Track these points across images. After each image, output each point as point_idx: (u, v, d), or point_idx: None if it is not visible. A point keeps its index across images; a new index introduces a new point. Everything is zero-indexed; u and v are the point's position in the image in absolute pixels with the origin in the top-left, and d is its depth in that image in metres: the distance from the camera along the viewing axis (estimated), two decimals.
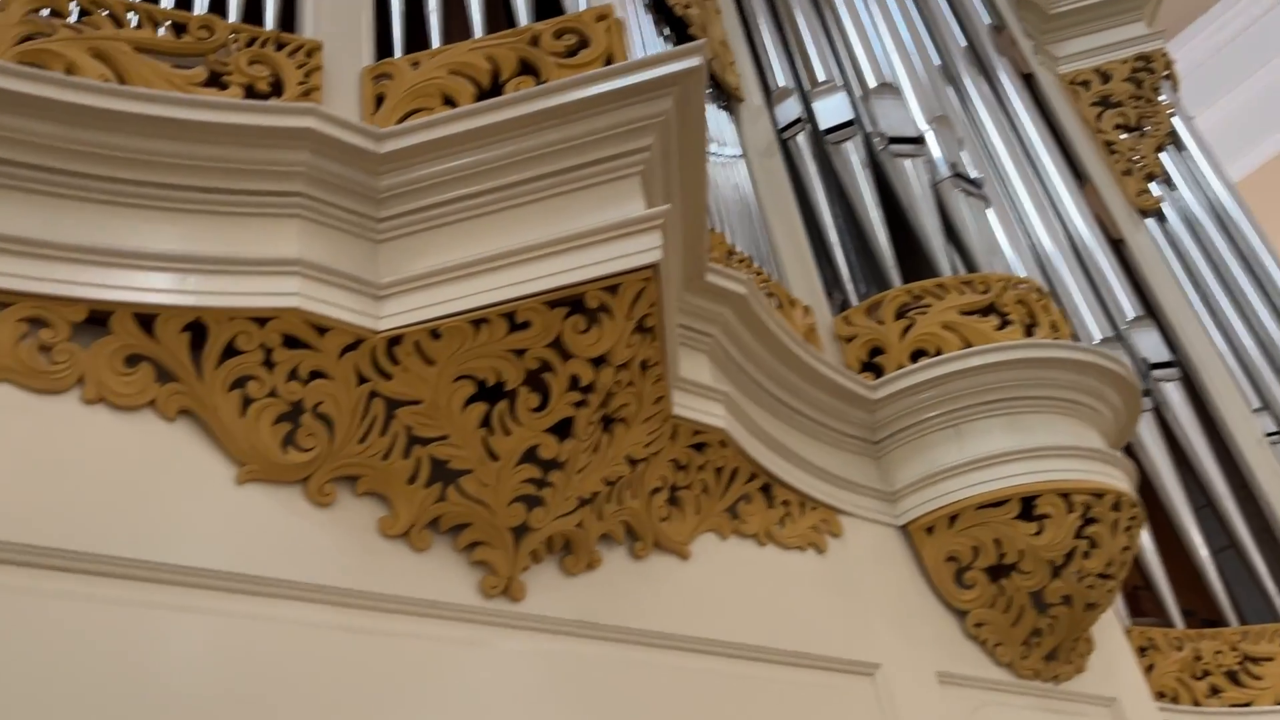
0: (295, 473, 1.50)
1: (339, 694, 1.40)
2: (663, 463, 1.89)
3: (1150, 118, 4.54)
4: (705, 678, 1.80)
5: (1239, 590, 3.46)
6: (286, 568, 1.44)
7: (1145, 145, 4.46)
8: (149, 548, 1.34)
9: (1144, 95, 4.59)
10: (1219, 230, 4.28)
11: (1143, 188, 4.34)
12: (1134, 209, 4.27)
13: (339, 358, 1.52)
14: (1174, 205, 4.35)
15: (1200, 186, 4.41)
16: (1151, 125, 4.53)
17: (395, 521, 1.57)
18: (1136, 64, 4.65)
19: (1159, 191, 4.36)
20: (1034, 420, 2.40)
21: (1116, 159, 4.40)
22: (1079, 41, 4.75)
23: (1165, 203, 4.34)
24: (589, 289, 1.53)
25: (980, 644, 2.31)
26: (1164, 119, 4.54)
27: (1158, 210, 4.31)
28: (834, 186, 2.89)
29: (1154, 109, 4.56)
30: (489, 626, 1.60)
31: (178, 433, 1.45)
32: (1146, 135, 4.50)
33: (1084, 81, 4.64)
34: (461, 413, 1.58)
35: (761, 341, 2.13)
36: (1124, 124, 4.51)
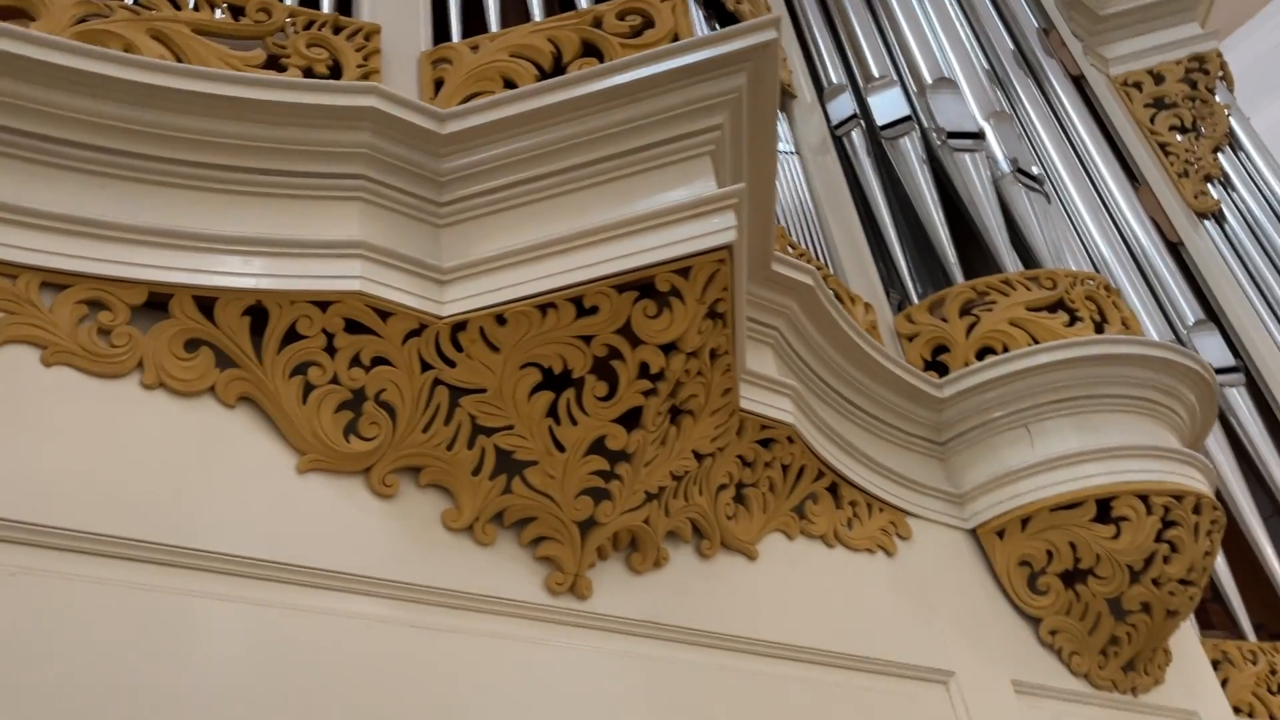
0: (357, 462, 1.45)
1: (402, 691, 1.33)
2: (729, 459, 1.82)
3: (1206, 119, 4.44)
4: (777, 683, 1.72)
5: None
6: (348, 560, 1.38)
7: (1202, 146, 4.35)
8: (208, 537, 1.29)
9: (1199, 96, 4.49)
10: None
11: (1201, 189, 4.23)
12: (1192, 211, 4.17)
13: (402, 344, 1.47)
14: (1233, 207, 4.23)
15: (1260, 188, 4.30)
16: (1207, 126, 4.42)
17: (459, 514, 1.51)
18: (1190, 64, 4.55)
19: (1217, 193, 4.25)
20: (1107, 419, 2.31)
21: (1172, 161, 4.29)
22: (1130, 43, 4.66)
23: (1224, 204, 4.23)
24: (660, 272, 1.47)
25: (1055, 652, 2.21)
26: (1221, 119, 4.44)
27: (1217, 212, 4.20)
28: (890, 182, 2.82)
29: (1210, 110, 4.46)
30: (555, 625, 1.53)
31: (237, 419, 1.40)
32: (1203, 136, 4.39)
33: (1136, 83, 4.54)
34: (527, 402, 1.52)
35: (826, 336, 2.06)
36: (1179, 125, 4.41)
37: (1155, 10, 4.65)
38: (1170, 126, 4.41)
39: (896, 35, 3.09)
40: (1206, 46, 4.59)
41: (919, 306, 2.51)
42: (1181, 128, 4.41)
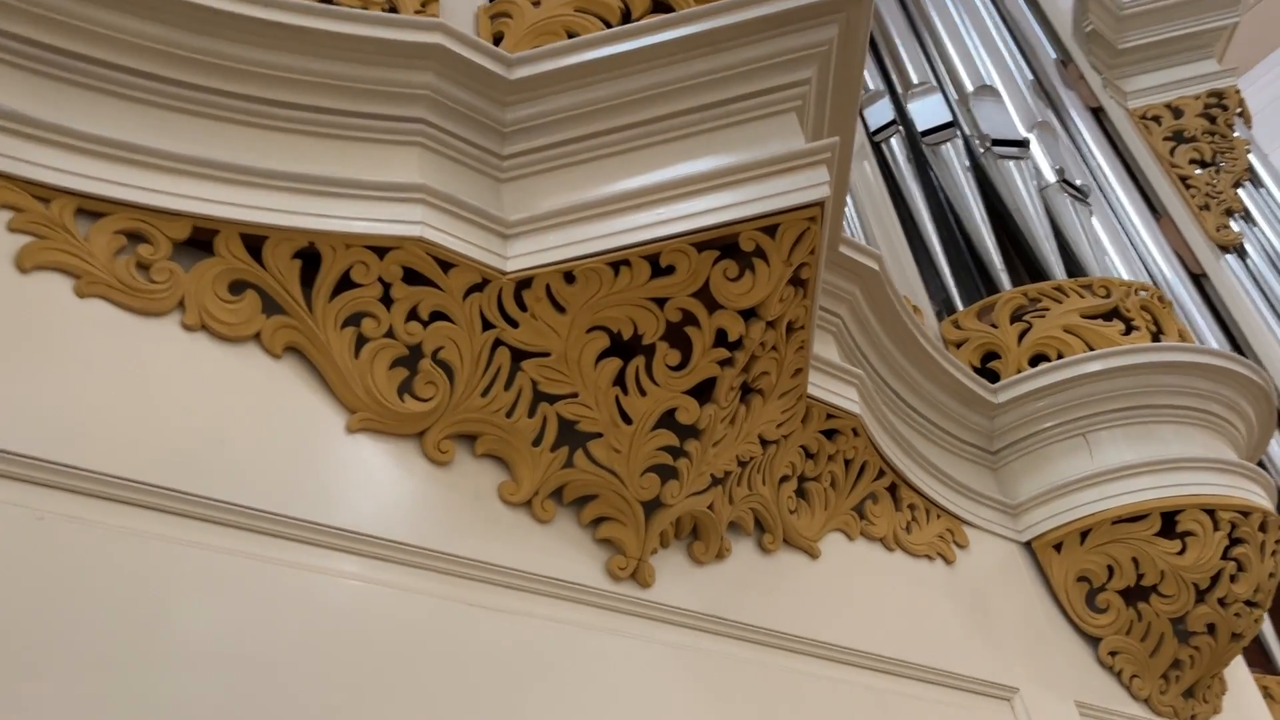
0: (411, 424, 1.32)
1: (453, 672, 1.20)
2: (793, 448, 1.70)
3: (1226, 153, 4.41)
4: (840, 688, 1.59)
5: None
6: (399, 529, 1.25)
7: (1222, 181, 4.32)
8: (248, 493, 1.15)
9: (1218, 131, 4.47)
10: None
11: (1222, 223, 4.18)
12: (1214, 244, 4.12)
13: (463, 299, 1.35)
14: (1255, 241, 4.19)
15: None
16: (1227, 161, 4.39)
17: (518, 488, 1.38)
18: (1209, 100, 4.53)
19: (1239, 227, 4.21)
20: (1167, 431, 2.21)
21: (1193, 194, 4.25)
22: (1148, 77, 4.63)
23: (1246, 239, 4.18)
24: (745, 229, 1.36)
25: (1115, 675, 2.09)
26: (1241, 155, 4.41)
27: (1239, 246, 4.15)
28: (931, 189, 2.74)
29: (1229, 145, 4.43)
30: (616, 613, 1.40)
31: (284, 370, 1.27)
32: (1223, 171, 4.36)
33: (1155, 117, 4.51)
34: (594, 368, 1.40)
35: (886, 328, 1.95)
36: (1199, 159, 4.37)
37: (1173, 45, 4.64)
38: (1190, 160, 4.37)
39: (935, 43, 3.03)
40: (1224, 83, 4.58)
41: (966, 312, 2.42)
42: (1201, 162, 4.38)
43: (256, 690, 1.05)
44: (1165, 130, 4.46)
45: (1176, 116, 4.49)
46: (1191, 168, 4.34)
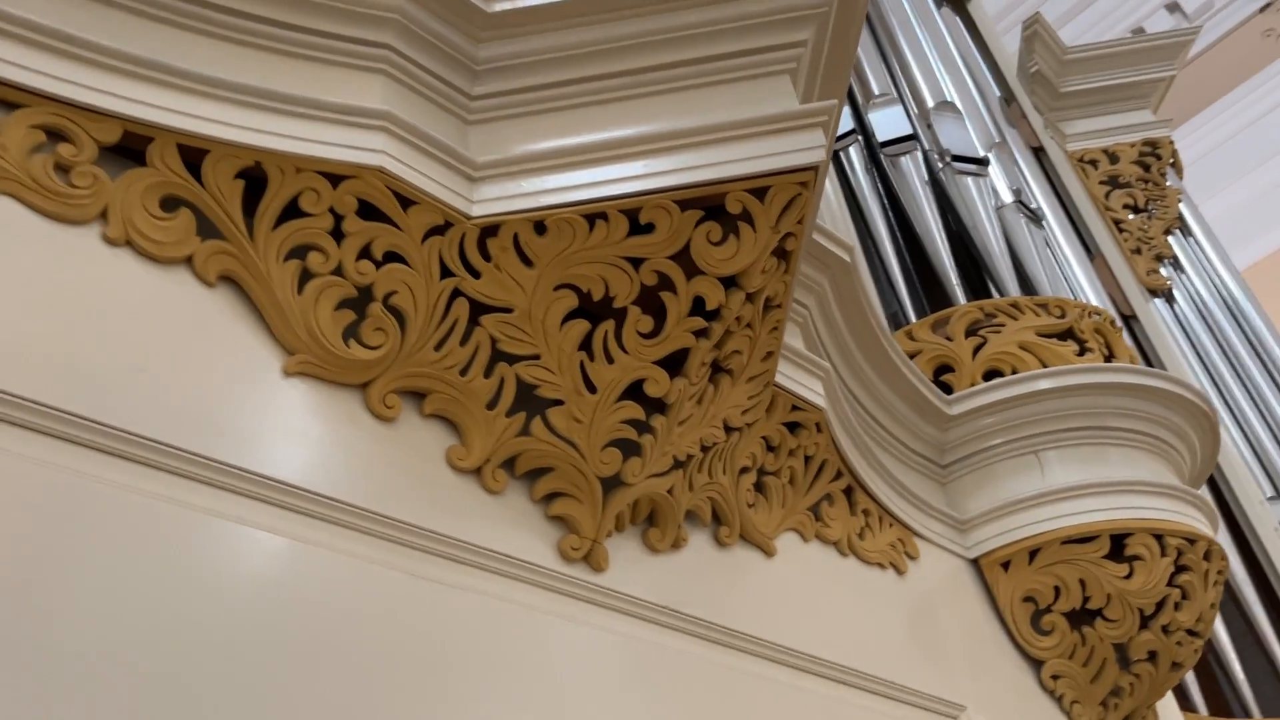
0: (356, 373, 1.19)
1: (386, 645, 1.07)
2: (755, 438, 1.61)
3: (1158, 200, 4.50)
4: (796, 696, 1.49)
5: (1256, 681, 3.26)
6: (334, 485, 1.12)
7: (1154, 227, 4.40)
8: (167, 428, 1.01)
9: (1151, 179, 4.56)
10: (1227, 317, 4.21)
11: (1153, 267, 4.25)
12: (1144, 288, 4.18)
13: (422, 241, 1.23)
14: (1183, 288, 4.27)
15: (1208, 272, 4.35)
16: (1159, 208, 4.48)
17: (468, 453, 1.26)
18: (1144, 148, 4.63)
19: (1168, 273, 4.29)
20: (1116, 454, 2.18)
21: (1125, 237, 4.32)
22: (1088, 122, 4.71)
23: (1175, 285, 4.26)
24: (733, 189, 1.27)
25: (1056, 699, 2.03)
26: (1172, 203, 4.50)
27: (1167, 291, 4.22)
28: (888, 200, 2.69)
29: (1162, 192, 4.52)
30: (566, 597, 1.28)
31: (216, 300, 1.13)
32: (1155, 218, 4.44)
33: (1092, 160, 4.58)
34: (559, 330, 1.29)
35: (851, 326, 1.88)
36: (1132, 205, 4.45)
37: (1113, 93, 4.73)
38: (1124, 205, 4.45)
39: (898, 56, 3.01)
40: (1159, 133, 4.68)
41: (921, 324, 2.36)
42: (1135, 207, 4.46)
43: (158, 647, 0.91)
44: (1102, 174, 4.53)
45: (1113, 162, 4.57)
46: (1125, 212, 4.41)
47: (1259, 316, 4.19)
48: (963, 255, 2.61)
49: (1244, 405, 3.96)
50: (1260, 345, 4.12)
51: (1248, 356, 4.09)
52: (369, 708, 1.01)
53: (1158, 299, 4.20)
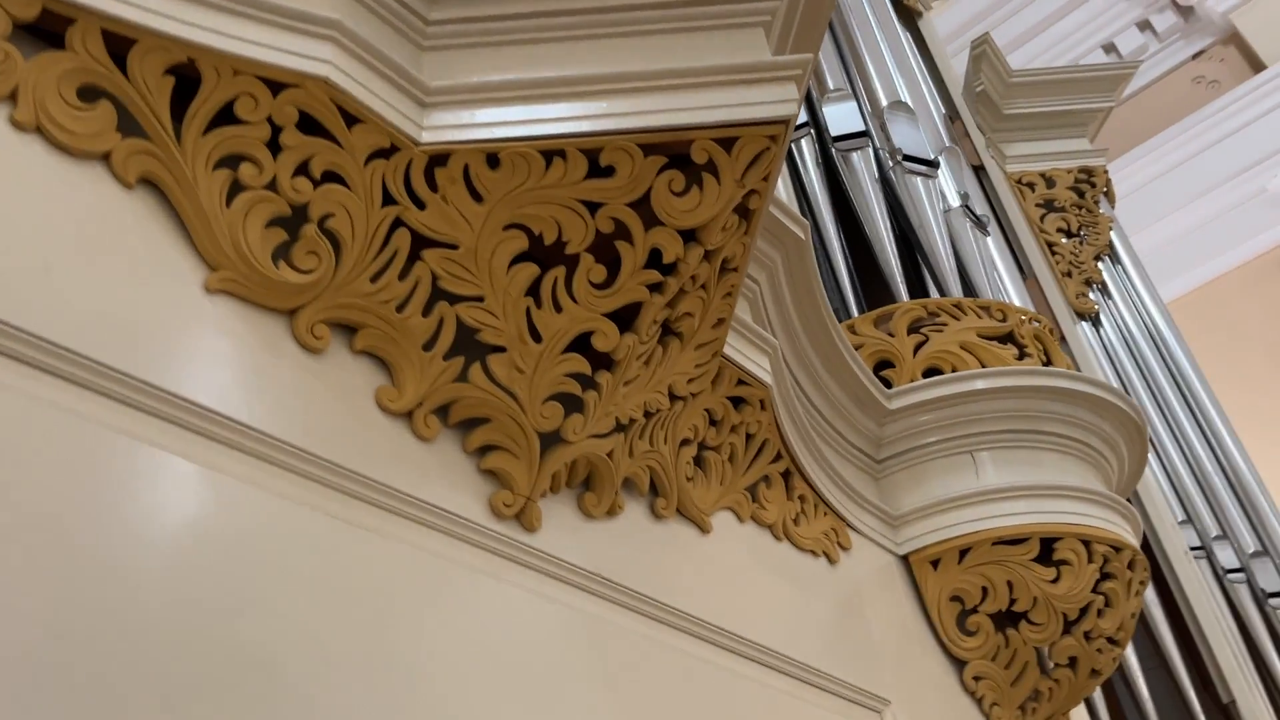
0: (284, 297, 1.10)
1: (304, 588, 0.98)
2: (698, 410, 1.55)
3: (1091, 227, 4.58)
4: (725, 677, 1.44)
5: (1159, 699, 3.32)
6: (254, 414, 1.03)
7: (1085, 253, 4.47)
8: (73, 334, 0.91)
9: (1085, 205, 4.64)
10: (1150, 345, 4.30)
11: (1082, 291, 4.32)
12: (1073, 310, 4.25)
13: (365, 163, 1.14)
14: (1110, 314, 4.35)
15: (1134, 301, 4.44)
16: (1091, 234, 4.57)
17: (399, 395, 1.18)
18: (1080, 175, 4.71)
19: (1096, 298, 4.36)
20: (1050, 458, 2.18)
21: (1058, 260, 4.39)
22: (1027, 145, 4.78)
23: (1102, 310, 4.34)
24: (700, 137, 1.21)
25: (976, 701, 2.02)
26: (1104, 231, 4.59)
27: (1095, 315, 4.29)
28: (837, 195, 2.67)
29: (1094, 219, 4.61)
30: (496, 555, 1.20)
31: (135, 204, 1.03)
32: (1086, 243, 4.52)
33: (1030, 183, 4.66)
34: (506, 272, 1.21)
35: (799, 307, 1.84)
36: (1066, 229, 4.53)
37: (1053, 119, 4.81)
38: (1058, 229, 4.52)
39: (854, 55, 2.99)
40: (1095, 162, 4.77)
41: (864, 318, 2.34)
42: (1068, 232, 4.53)
43: (53, 569, 0.81)
44: (1038, 197, 4.60)
45: (1049, 186, 4.64)
46: (1059, 235, 4.48)
47: (1180, 347, 4.29)
48: (907, 254, 2.59)
49: (1161, 432, 4.04)
50: (1180, 375, 4.21)
51: (1167, 385, 4.17)
52: (282, 652, 0.93)
53: (1085, 322, 4.26)
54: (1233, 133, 7.32)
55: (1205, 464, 3.92)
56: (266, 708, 0.89)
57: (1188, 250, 6.76)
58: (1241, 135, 7.27)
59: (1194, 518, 3.79)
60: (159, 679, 0.83)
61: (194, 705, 0.85)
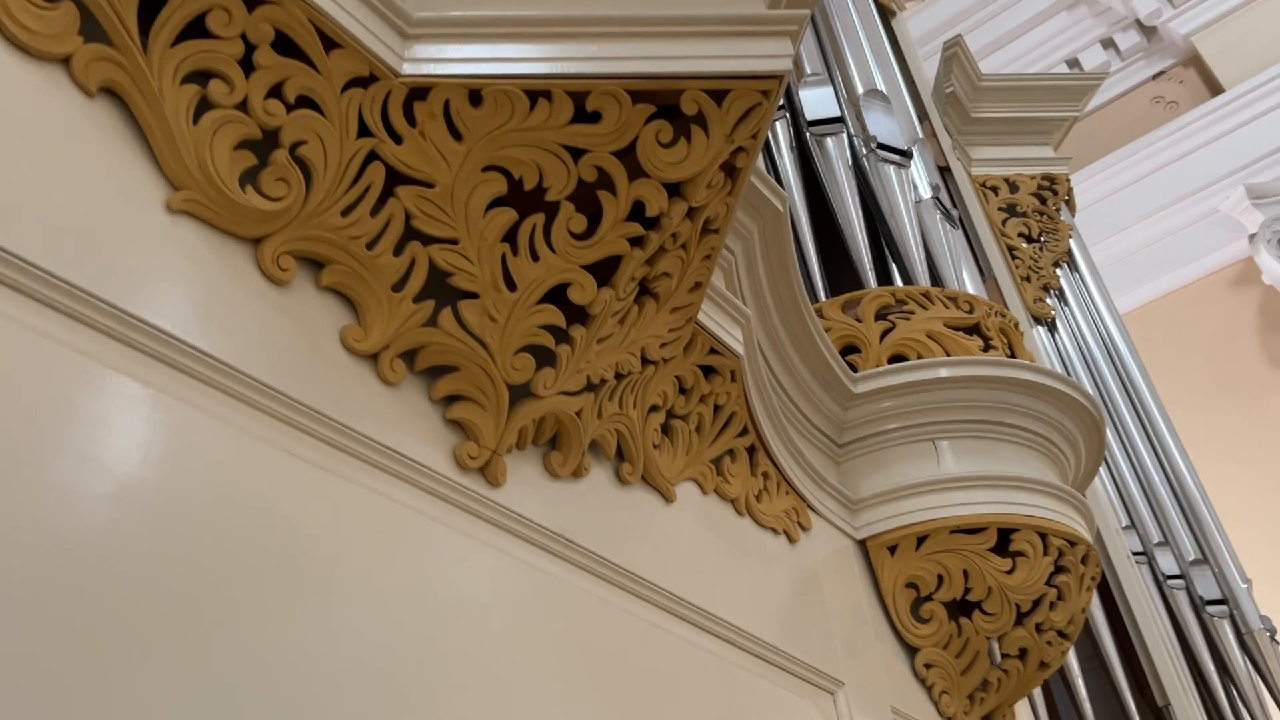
0: (250, 224, 1.05)
1: (258, 529, 0.93)
2: (669, 376, 1.52)
3: (1051, 233, 4.63)
4: (684, 648, 1.41)
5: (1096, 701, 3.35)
6: (212, 341, 0.97)
7: (1044, 258, 4.51)
8: (22, 241, 0.85)
9: (1046, 212, 4.69)
10: (1103, 352, 4.35)
11: (1039, 296, 4.36)
12: (1030, 314, 4.28)
13: (341, 91, 1.09)
14: (1065, 320, 4.39)
15: (1090, 309, 4.49)
16: (1051, 240, 4.61)
17: (365, 335, 1.13)
18: (1042, 182, 4.76)
19: (1053, 304, 4.40)
20: (1009, 450, 2.17)
21: (1017, 264, 4.42)
22: (992, 150, 4.82)
23: (1058, 316, 4.38)
24: (692, 87, 1.17)
25: (927, 689, 2.01)
26: (1064, 238, 4.64)
27: (1050, 321, 4.33)
28: (809, 179, 2.65)
29: (1055, 226, 4.66)
30: (458, 509, 1.16)
31: (95, 112, 0.97)
32: (1046, 249, 4.56)
33: (994, 186, 4.69)
34: (483, 215, 1.17)
35: (773, 281, 1.81)
36: (1026, 234, 4.56)
37: (1019, 125, 4.85)
38: (1019, 233, 4.56)
39: (832, 42, 2.97)
40: (1058, 169, 4.82)
41: (831, 303, 2.32)
42: (1028, 237, 4.57)
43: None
44: (1001, 201, 4.63)
45: (1013, 191, 4.68)
46: (1019, 240, 4.51)
47: (1132, 357, 4.34)
48: (876, 242, 2.58)
49: (1110, 438, 4.08)
50: (1131, 384, 4.27)
51: (1118, 392, 4.23)
52: (229, 587, 0.88)
53: (1041, 326, 4.30)
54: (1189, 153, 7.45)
55: (1151, 471, 3.98)
56: (210, 643, 0.84)
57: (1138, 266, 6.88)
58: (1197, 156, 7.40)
59: (1137, 523, 3.84)
60: (99, 605, 0.78)
61: (139, 634, 0.79)
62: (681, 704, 1.34)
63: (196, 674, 0.82)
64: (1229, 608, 3.78)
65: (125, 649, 0.78)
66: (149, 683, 0.79)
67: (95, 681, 0.75)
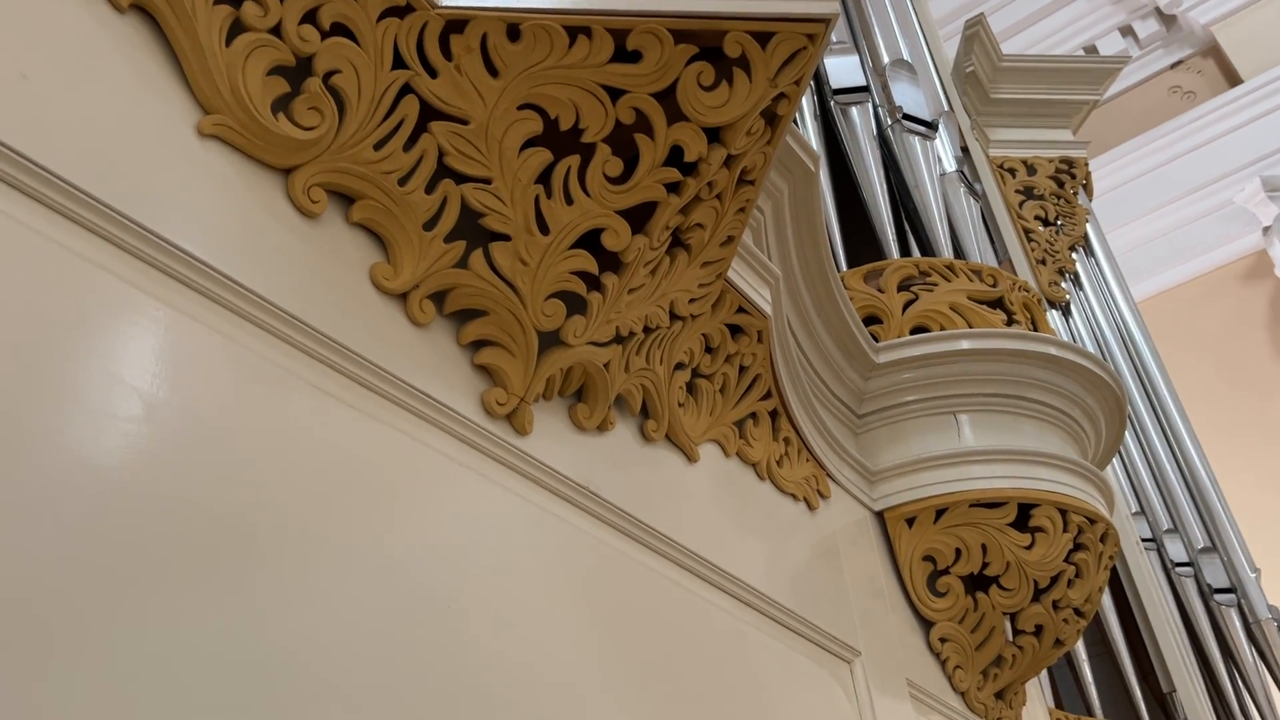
0: (281, 153, 1.02)
1: (283, 461, 0.90)
2: (696, 333, 1.49)
3: (1068, 217, 4.59)
4: (705, 607, 1.38)
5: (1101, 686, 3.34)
6: (243, 270, 0.94)
7: (1060, 242, 4.48)
8: (50, 153, 0.82)
9: (1064, 195, 4.65)
10: (1116, 338, 4.32)
11: (1055, 279, 4.33)
12: (1045, 298, 4.25)
13: (377, 20, 1.06)
14: (1080, 305, 4.36)
15: (1104, 294, 4.46)
16: (1068, 224, 4.57)
17: (395, 274, 1.10)
18: (1060, 165, 4.71)
19: (1068, 288, 4.37)
20: (1031, 426, 2.15)
21: (1034, 247, 4.39)
22: (1011, 131, 4.77)
23: (1073, 300, 4.34)
24: (736, 28, 1.14)
25: (941, 662, 1.99)
26: (1080, 221, 4.60)
27: (1065, 304, 4.30)
28: (833, 148, 2.61)
29: (1072, 209, 4.62)
30: (484, 455, 1.13)
31: (125, 29, 0.94)
32: (1062, 232, 4.53)
33: (1011, 169, 4.65)
34: (518, 155, 1.14)
35: (800, 243, 1.78)
36: (1043, 217, 4.53)
37: (1038, 107, 4.80)
38: (1035, 216, 4.52)
39: (858, 11, 2.93)
40: (1077, 153, 4.78)
41: (853, 273, 2.29)
42: (1045, 220, 4.53)
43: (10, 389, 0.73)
44: (1018, 183, 4.59)
45: (1030, 173, 4.64)
46: (1036, 223, 4.48)
47: (1146, 344, 4.31)
48: (899, 213, 2.55)
49: None
50: (1144, 370, 4.24)
51: (1130, 378, 4.20)
52: (256, 524, 0.85)
53: (1055, 310, 4.27)
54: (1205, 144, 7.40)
55: (1162, 458, 3.95)
56: (230, 582, 0.82)
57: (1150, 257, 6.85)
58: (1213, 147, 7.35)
59: (1147, 510, 3.82)
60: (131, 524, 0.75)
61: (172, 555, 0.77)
62: (702, 663, 1.32)
63: (229, 598, 0.80)
64: (1236, 596, 3.76)
65: (158, 569, 0.75)
66: (180, 604, 0.76)
67: (131, 598, 0.73)
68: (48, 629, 0.68)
